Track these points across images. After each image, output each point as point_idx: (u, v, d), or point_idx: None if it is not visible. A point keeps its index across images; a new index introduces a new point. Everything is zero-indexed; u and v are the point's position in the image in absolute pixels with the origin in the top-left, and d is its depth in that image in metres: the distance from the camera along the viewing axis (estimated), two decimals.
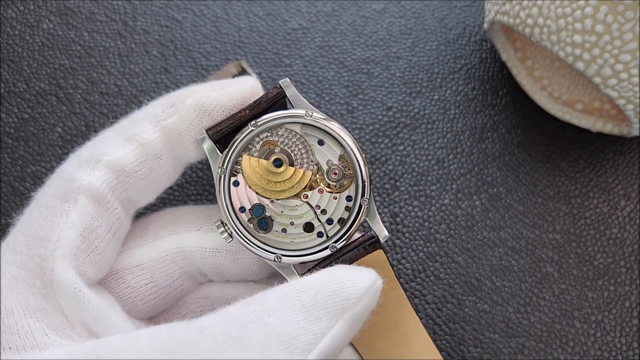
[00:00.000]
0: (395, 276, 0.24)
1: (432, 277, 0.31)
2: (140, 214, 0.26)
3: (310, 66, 0.34)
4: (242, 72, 0.31)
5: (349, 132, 0.25)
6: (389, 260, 0.23)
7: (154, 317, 0.26)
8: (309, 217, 0.24)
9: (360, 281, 0.20)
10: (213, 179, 0.31)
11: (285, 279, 0.23)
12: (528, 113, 0.34)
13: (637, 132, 0.29)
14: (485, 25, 0.32)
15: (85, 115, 0.32)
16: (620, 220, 0.32)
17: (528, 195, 0.32)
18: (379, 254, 0.23)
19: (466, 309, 0.30)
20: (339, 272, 0.20)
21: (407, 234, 0.31)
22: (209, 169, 0.32)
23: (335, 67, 0.34)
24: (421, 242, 0.31)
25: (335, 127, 0.23)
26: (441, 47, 0.35)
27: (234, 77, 0.31)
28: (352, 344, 0.24)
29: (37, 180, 0.31)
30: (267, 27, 0.35)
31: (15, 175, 0.31)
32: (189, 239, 0.24)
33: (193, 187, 0.31)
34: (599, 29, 0.25)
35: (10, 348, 0.20)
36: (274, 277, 0.26)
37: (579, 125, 0.32)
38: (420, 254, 0.31)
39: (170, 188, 0.31)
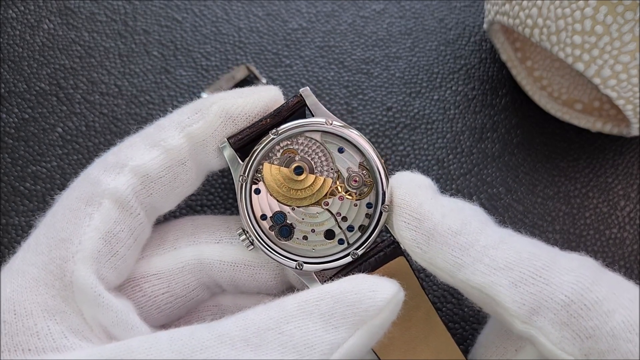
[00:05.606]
0: (421, 286, 0.23)
1: (432, 277, 0.31)
2: (158, 221, 0.26)
3: (310, 66, 0.34)
4: (251, 75, 0.31)
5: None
6: (412, 267, 0.23)
7: (165, 324, 0.26)
8: (330, 224, 0.24)
9: (381, 293, 0.20)
10: (234, 187, 0.31)
11: (306, 286, 0.23)
12: (528, 113, 0.34)
13: (637, 132, 0.29)
14: (485, 26, 0.32)
15: (86, 115, 0.32)
16: (619, 220, 0.32)
17: (528, 195, 0.32)
18: (400, 261, 0.23)
19: (466, 309, 0.30)
20: (360, 283, 0.20)
21: None
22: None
23: (335, 67, 0.34)
24: None
25: (354, 134, 0.23)
26: (441, 48, 0.35)
27: (243, 80, 0.31)
28: None
29: (37, 180, 0.31)
30: (267, 27, 0.35)
31: (15, 175, 0.31)
32: (208, 251, 0.25)
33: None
34: (598, 30, 0.25)
35: (30, 350, 0.20)
36: (288, 291, 0.26)
37: (579, 126, 0.32)
38: None
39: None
